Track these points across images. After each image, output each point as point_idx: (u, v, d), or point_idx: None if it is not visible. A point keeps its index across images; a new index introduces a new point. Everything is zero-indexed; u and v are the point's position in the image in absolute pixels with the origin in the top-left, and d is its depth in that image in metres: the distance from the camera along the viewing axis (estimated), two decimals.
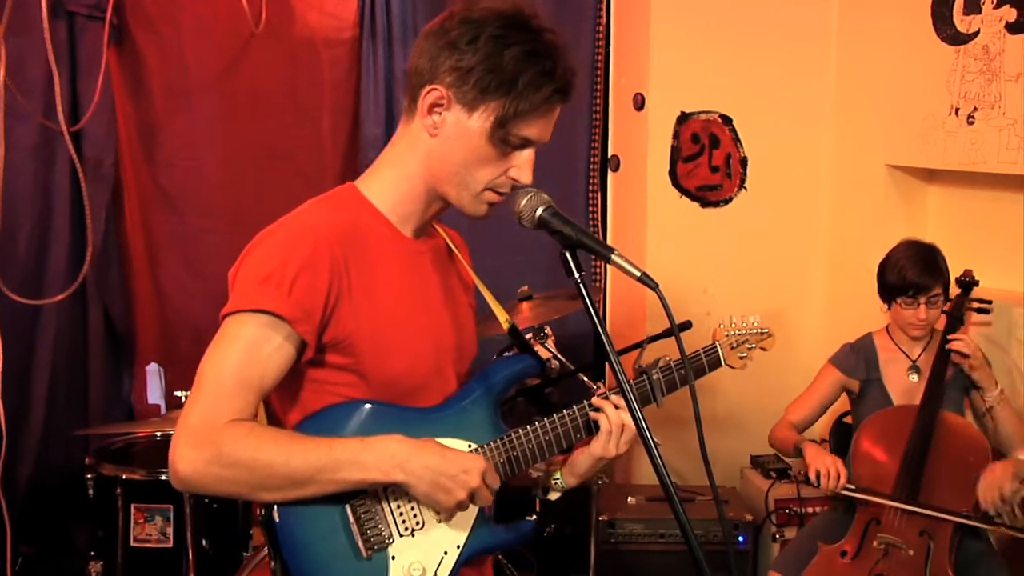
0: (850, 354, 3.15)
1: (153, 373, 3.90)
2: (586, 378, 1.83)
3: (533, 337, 3.32)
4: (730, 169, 4.09)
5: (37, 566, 3.69)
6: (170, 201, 3.96)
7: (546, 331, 3.31)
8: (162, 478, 3.02)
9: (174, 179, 3.94)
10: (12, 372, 3.30)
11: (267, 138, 4.01)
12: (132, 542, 3.02)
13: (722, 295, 4.03)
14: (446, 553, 1.61)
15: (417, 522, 1.60)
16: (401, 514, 1.59)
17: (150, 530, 3.02)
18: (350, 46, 4.07)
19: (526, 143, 1.58)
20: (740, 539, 3.52)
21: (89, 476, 3.05)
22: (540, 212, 1.56)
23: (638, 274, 1.48)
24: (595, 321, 1.53)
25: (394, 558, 1.58)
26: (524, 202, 1.57)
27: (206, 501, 3.03)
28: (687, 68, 4.01)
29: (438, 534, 1.61)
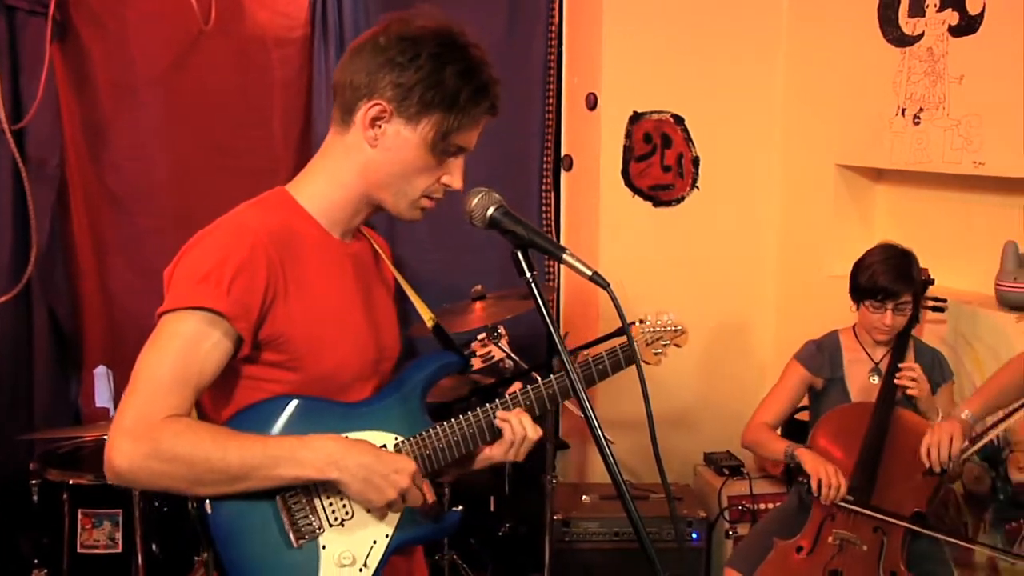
0: (815, 353, 3.15)
1: (101, 376, 3.84)
2: (540, 377, 1.86)
3: (487, 336, 3.32)
4: (682, 169, 4.11)
5: None
6: (117, 200, 3.89)
7: (500, 331, 3.32)
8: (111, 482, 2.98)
9: (121, 178, 3.88)
10: None
11: (217, 137, 3.96)
12: (79, 548, 2.98)
13: (675, 293, 4.06)
14: (375, 542, 1.67)
15: (347, 512, 1.65)
16: (331, 505, 1.64)
17: (98, 536, 2.97)
18: (301, 45, 4.03)
19: (460, 151, 1.67)
20: (694, 536, 3.54)
21: (34, 482, 3.00)
22: (491, 212, 1.59)
23: (589, 273, 1.51)
24: (546, 320, 1.55)
25: (324, 547, 1.63)
26: (475, 202, 1.60)
27: (156, 504, 3.00)
28: (639, 68, 4.03)
29: (367, 524, 1.66)
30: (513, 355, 3.30)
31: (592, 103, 4.09)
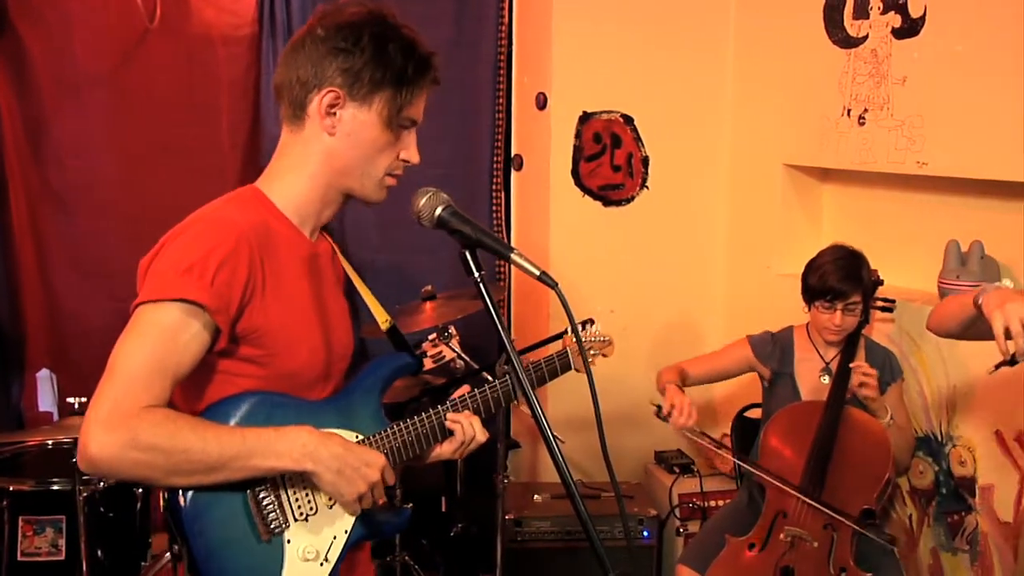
0: (768, 342, 3.18)
1: (44, 379, 3.78)
2: (490, 377, 1.90)
3: (438, 337, 3.31)
4: (632, 168, 4.14)
5: None
6: (60, 200, 3.82)
7: (450, 331, 3.31)
8: (54, 488, 2.92)
9: (64, 178, 3.81)
10: None
11: (163, 136, 3.90)
12: (19, 556, 2.91)
13: (624, 293, 4.08)
14: (335, 538, 1.71)
15: (311, 508, 1.69)
16: (296, 500, 1.68)
17: (40, 543, 2.91)
18: (248, 43, 3.98)
19: (413, 124, 1.73)
20: (645, 534, 3.56)
21: None
22: (439, 212, 1.60)
23: (537, 273, 1.52)
24: (494, 320, 1.56)
25: (289, 542, 1.67)
26: (423, 202, 1.61)
27: (101, 510, 2.94)
28: (589, 68, 4.04)
29: (329, 520, 1.71)
30: (464, 355, 3.29)
31: (542, 103, 4.10)
